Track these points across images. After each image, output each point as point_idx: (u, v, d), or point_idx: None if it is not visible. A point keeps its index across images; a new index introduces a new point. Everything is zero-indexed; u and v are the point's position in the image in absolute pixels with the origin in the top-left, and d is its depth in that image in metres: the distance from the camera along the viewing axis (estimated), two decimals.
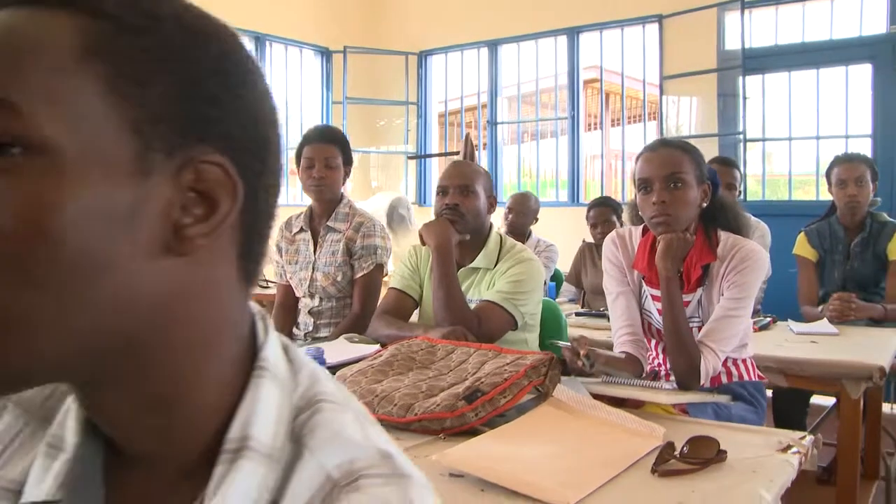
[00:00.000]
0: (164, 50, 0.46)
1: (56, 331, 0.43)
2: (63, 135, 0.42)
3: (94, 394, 0.49)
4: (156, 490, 0.52)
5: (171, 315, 0.48)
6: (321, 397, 0.53)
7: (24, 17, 0.45)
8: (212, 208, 0.47)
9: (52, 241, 0.42)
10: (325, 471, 0.48)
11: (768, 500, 1.15)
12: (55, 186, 0.42)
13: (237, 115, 0.49)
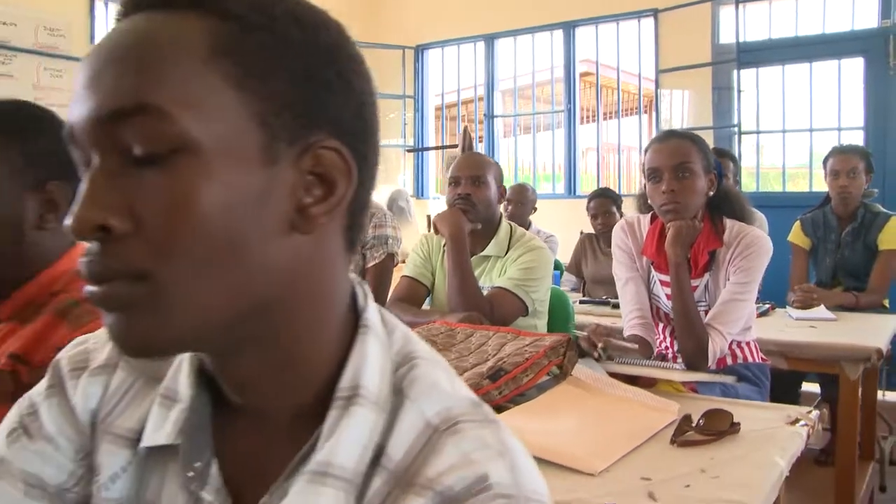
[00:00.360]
0: (282, 45, 0.52)
1: (205, 303, 0.50)
2: (202, 132, 0.48)
3: (228, 357, 0.56)
4: (264, 436, 0.58)
5: (297, 284, 0.54)
6: (415, 354, 0.60)
7: (158, 22, 0.50)
8: (330, 189, 0.54)
9: (199, 226, 0.48)
10: (426, 418, 0.55)
11: (782, 465, 1.23)
12: (197, 178, 0.48)
13: (348, 103, 0.55)
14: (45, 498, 0.61)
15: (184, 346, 0.54)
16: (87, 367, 0.64)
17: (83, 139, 0.50)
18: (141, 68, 0.48)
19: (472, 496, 0.50)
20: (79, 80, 0.51)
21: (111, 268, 0.48)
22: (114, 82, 0.49)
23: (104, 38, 0.52)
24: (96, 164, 0.50)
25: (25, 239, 1.06)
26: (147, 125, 0.48)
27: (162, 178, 0.48)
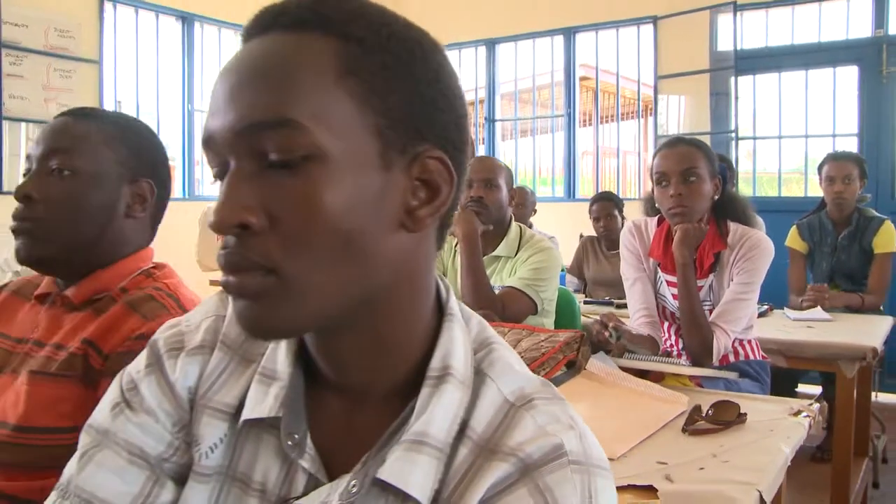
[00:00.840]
0: (396, 65, 0.60)
1: (325, 293, 0.58)
2: (330, 143, 0.57)
3: (333, 339, 0.64)
4: (355, 412, 0.67)
5: (399, 277, 0.63)
6: (491, 340, 0.69)
7: (290, 44, 0.58)
8: (434, 193, 0.62)
9: (325, 224, 0.57)
10: (503, 395, 0.64)
11: (786, 452, 1.32)
12: (325, 182, 0.56)
13: (449, 117, 0.63)
14: (147, 467, 0.69)
15: (303, 331, 0.62)
16: (184, 348, 0.72)
17: (222, 145, 0.58)
18: (281, 87, 0.57)
19: (549, 462, 0.59)
20: (218, 93, 0.59)
21: (249, 259, 0.56)
22: (256, 98, 0.57)
23: (239, 56, 0.60)
24: (234, 167, 0.58)
25: (114, 224, 1.20)
26: (285, 136, 0.56)
27: (294, 181, 0.56)
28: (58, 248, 1.16)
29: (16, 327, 1.22)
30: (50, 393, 1.06)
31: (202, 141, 0.61)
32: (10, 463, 1.04)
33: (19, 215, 1.15)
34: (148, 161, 1.26)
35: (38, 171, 1.17)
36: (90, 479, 0.68)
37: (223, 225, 0.56)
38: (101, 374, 1.07)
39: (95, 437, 0.70)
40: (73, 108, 1.28)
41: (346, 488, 0.61)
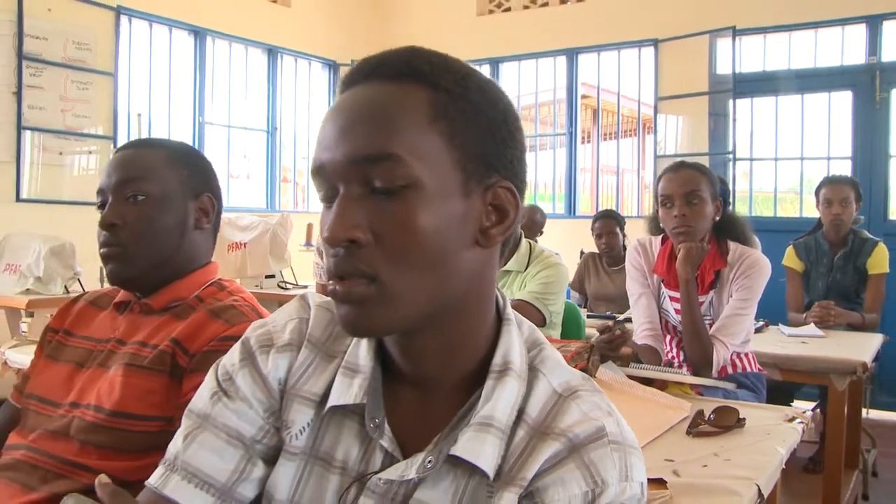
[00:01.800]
0: (475, 110, 0.73)
1: (416, 299, 0.71)
2: (424, 174, 0.70)
3: (414, 338, 0.76)
4: (426, 400, 0.79)
5: (472, 286, 0.76)
6: (540, 341, 0.82)
7: (391, 92, 0.71)
8: (503, 216, 0.75)
9: (419, 241, 0.69)
10: (552, 387, 0.77)
11: (782, 453, 1.45)
12: (419, 206, 0.69)
13: (514, 152, 0.76)
14: (242, 447, 0.81)
15: (395, 331, 0.75)
16: (273, 345, 0.84)
17: (333, 174, 0.71)
18: (385, 127, 0.70)
19: (593, 442, 0.72)
20: (328, 130, 0.72)
21: (356, 268, 0.69)
22: (364, 136, 0.70)
23: (346, 99, 0.73)
24: (343, 192, 0.70)
25: (186, 237, 1.35)
26: (388, 168, 0.69)
27: (394, 205, 0.69)
28: (142, 267, 1.30)
29: (94, 330, 1.36)
30: (142, 384, 1.20)
31: (312, 169, 0.73)
32: (105, 444, 1.17)
33: (107, 242, 1.29)
34: (204, 177, 1.41)
35: (115, 200, 1.31)
36: (194, 456, 0.80)
37: (335, 240, 0.69)
38: (186, 371, 1.20)
39: (196, 421, 0.82)
40: (131, 140, 1.44)
41: (422, 463, 0.74)
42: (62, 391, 1.29)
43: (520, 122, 0.79)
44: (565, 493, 0.70)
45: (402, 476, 0.75)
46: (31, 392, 1.34)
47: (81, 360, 1.32)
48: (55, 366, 1.35)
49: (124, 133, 5.43)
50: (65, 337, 1.39)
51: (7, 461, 1.21)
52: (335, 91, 4.08)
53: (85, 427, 1.19)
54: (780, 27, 5.39)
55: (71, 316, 1.43)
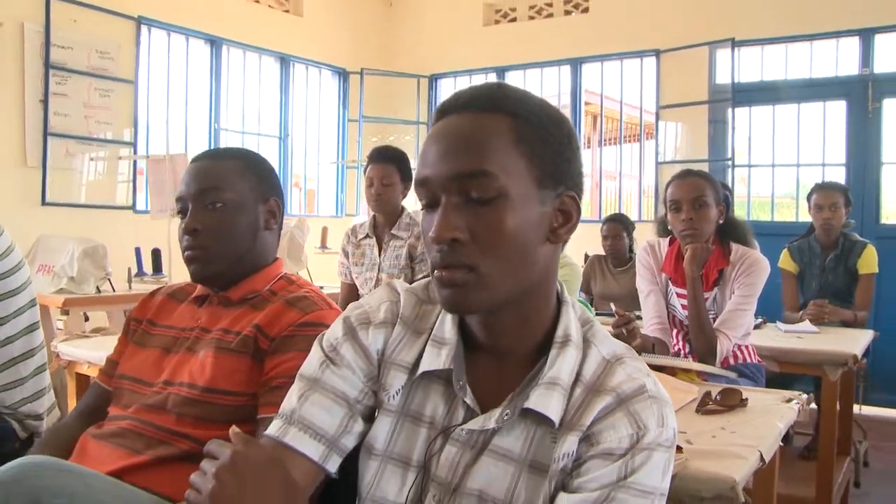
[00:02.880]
0: (547, 135, 0.93)
1: (504, 285, 0.91)
2: (511, 187, 0.89)
3: (495, 316, 0.96)
4: (500, 366, 0.98)
5: (543, 273, 0.96)
6: (591, 319, 1.01)
7: (483, 120, 0.91)
8: (567, 219, 0.95)
9: (507, 239, 0.89)
10: (602, 355, 0.97)
11: (780, 427, 1.65)
12: (507, 212, 0.89)
13: (576, 167, 0.96)
14: (346, 406, 1.00)
15: (486, 310, 0.94)
16: (371, 322, 1.04)
17: (436, 186, 0.91)
18: (479, 149, 0.89)
19: (636, 396, 0.91)
20: (431, 151, 0.92)
21: (458, 260, 0.89)
22: (463, 156, 0.90)
23: (445, 126, 0.93)
24: (445, 201, 0.90)
25: (258, 237, 1.54)
26: (483, 182, 0.89)
27: (487, 211, 0.89)
28: (221, 266, 1.49)
29: (176, 320, 1.55)
30: (229, 364, 1.38)
31: (417, 181, 0.93)
32: (199, 416, 1.36)
33: (190, 245, 1.48)
34: (270, 182, 1.59)
35: (195, 207, 1.49)
36: (308, 412, 0.99)
37: (441, 239, 0.89)
38: (267, 353, 1.38)
39: (307, 383, 1.01)
40: (204, 151, 1.61)
41: (500, 415, 0.94)
42: (153, 372, 1.48)
43: (578, 142, 0.99)
44: (616, 435, 0.90)
45: (483, 426, 0.94)
46: (123, 373, 1.52)
47: (168, 345, 1.51)
48: (143, 351, 1.53)
49: (143, 138, 5.62)
50: (149, 326, 1.58)
51: (114, 429, 1.40)
52: (345, 99, 4.32)
53: (181, 401, 1.38)
54: (778, 39, 5.60)
55: (153, 308, 1.61)
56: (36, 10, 4.91)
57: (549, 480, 0.91)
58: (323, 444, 0.98)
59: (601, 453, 0.89)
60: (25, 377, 1.98)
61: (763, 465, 1.45)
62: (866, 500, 3.54)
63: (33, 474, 0.96)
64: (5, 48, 4.77)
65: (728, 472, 1.33)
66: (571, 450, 0.91)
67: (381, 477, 0.99)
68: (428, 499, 0.96)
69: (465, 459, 0.95)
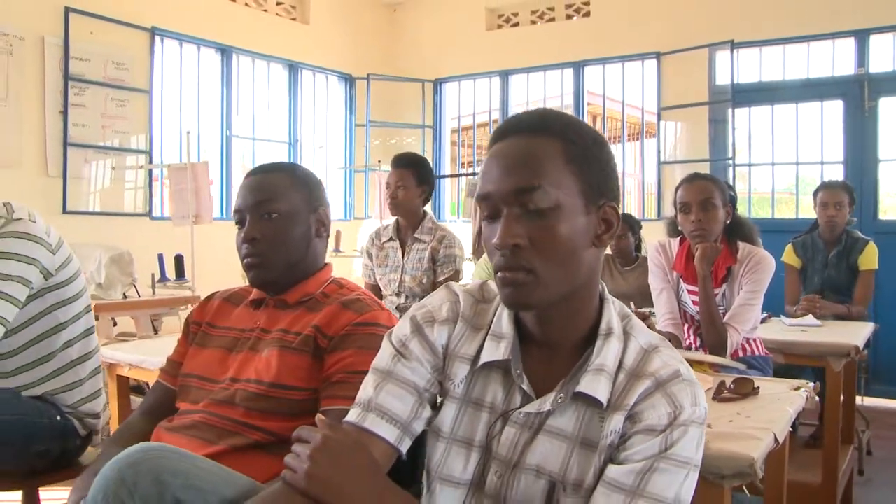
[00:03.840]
0: (591, 155, 1.07)
1: (557, 285, 1.05)
2: (563, 200, 1.04)
3: (548, 312, 1.09)
4: (551, 356, 1.12)
5: (589, 274, 1.10)
6: (628, 313, 1.15)
7: (537, 142, 1.05)
8: (609, 227, 1.09)
9: (560, 245, 1.03)
10: (640, 345, 1.11)
11: (791, 412, 1.79)
12: (560, 222, 1.03)
13: (615, 181, 1.11)
14: (416, 394, 1.14)
15: (542, 306, 1.08)
16: (435, 320, 1.18)
17: (498, 200, 1.05)
18: (537, 168, 1.04)
19: (672, 380, 1.05)
20: (493, 169, 1.06)
21: (518, 264, 1.03)
22: (521, 173, 1.04)
23: (504, 146, 1.07)
24: (507, 213, 1.04)
25: (311, 245, 1.68)
26: (540, 196, 1.03)
27: (543, 221, 1.03)
28: (278, 272, 1.62)
29: (235, 321, 1.68)
30: (292, 361, 1.51)
31: (479, 195, 1.08)
32: (265, 409, 1.49)
33: (249, 253, 1.61)
34: (319, 193, 1.73)
35: (252, 218, 1.62)
36: (384, 400, 1.13)
37: (504, 245, 1.03)
38: (326, 351, 1.52)
39: (381, 375, 1.15)
40: (259, 166, 1.74)
41: (555, 399, 1.08)
42: (218, 370, 1.61)
43: (615, 158, 1.13)
44: (656, 413, 1.04)
45: (539, 409, 1.08)
46: (189, 372, 1.65)
47: (229, 345, 1.64)
48: (206, 351, 1.67)
49: (158, 146, 5.76)
50: (209, 328, 1.71)
51: (187, 423, 1.54)
52: (352, 103, 4.47)
53: (248, 396, 1.51)
54: (776, 41, 5.75)
55: (211, 311, 1.75)
56: (55, 24, 5.06)
57: (599, 454, 1.05)
58: (397, 429, 1.12)
59: (644, 429, 1.03)
60: (83, 378, 2.12)
61: (777, 445, 1.59)
62: (869, 486, 3.68)
63: (155, 455, 1.09)
64: (26, 62, 4.92)
65: (747, 452, 1.47)
66: (617, 427, 1.05)
67: (447, 457, 1.14)
68: (490, 475, 1.11)
69: (523, 439, 1.09)
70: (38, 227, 1.98)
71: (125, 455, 1.08)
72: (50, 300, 2.03)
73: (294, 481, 1.02)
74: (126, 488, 1.02)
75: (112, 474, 1.04)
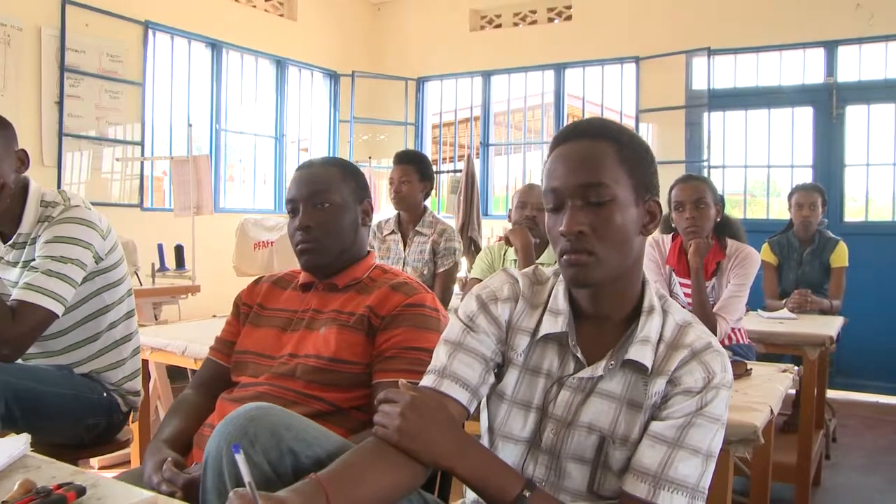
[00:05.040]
0: (638, 156, 1.26)
1: (613, 266, 1.23)
2: (619, 194, 1.22)
3: (603, 289, 1.28)
4: (600, 329, 1.30)
5: (636, 259, 1.28)
6: (663, 294, 1.34)
7: (595, 145, 1.24)
8: (653, 218, 1.28)
9: (617, 231, 1.22)
10: (676, 321, 1.30)
11: (781, 389, 2.00)
12: (617, 212, 1.22)
13: (656, 179, 1.30)
14: (483, 363, 1.32)
15: (600, 284, 1.26)
16: (498, 299, 1.35)
17: (564, 194, 1.23)
18: (597, 167, 1.22)
19: (706, 349, 1.25)
20: (559, 167, 1.24)
21: (583, 248, 1.22)
22: (585, 171, 1.22)
23: (567, 149, 1.25)
24: (571, 205, 1.22)
25: (358, 233, 1.83)
26: (599, 190, 1.21)
27: (603, 211, 1.22)
28: (330, 257, 1.78)
29: (285, 303, 1.83)
30: (349, 338, 1.67)
31: (546, 190, 1.26)
32: (325, 382, 1.64)
33: (303, 239, 1.76)
34: (364, 186, 1.88)
35: (305, 207, 1.77)
36: (456, 368, 1.30)
37: (570, 231, 1.21)
38: (378, 329, 1.67)
39: (452, 346, 1.33)
40: (310, 160, 1.89)
41: (606, 365, 1.27)
42: (274, 346, 1.76)
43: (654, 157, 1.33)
44: (692, 378, 1.23)
45: (592, 374, 1.27)
46: (245, 349, 1.79)
47: (283, 325, 1.79)
48: (259, 330, 1.82)
49: (150, 138, 5.84)
50: (260, 309, 1.86)
51: (252, 393, 1.68)
52: (336, 100, 4.62)
53: (308, 370, 1.66)
54: (750, 49, 6.03)
55: (260, 294, 1.89)
56: (52, 16, 5.13)
57: (644, 412, 1.24)
58: (468, 392, 1.29)
59: (682, 391, 1.23)
60: (126, 358, 2.26)
61: (773, 416, 1.81)
62: (836, 469, 3.95)
63: (270, 412, 1.25)
64: (24, 52, 4.98)
65: (749, 420, 1.68)
66: (660, 390, 1.24)
67: (508, 417, 1.32)
68: (546, 433, 1.29)
69: (577, 400, 1.28)
70: (93, 213, 2.12)
71: (244, 411, 1.23)
72: (98, 283, 2.16)
73: (386, 436, 1.19)
74: (248, 439, 1.17)
75: (234, 427, 1.20)
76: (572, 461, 1.28)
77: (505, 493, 1.18)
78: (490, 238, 6.60)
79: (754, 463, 2.50)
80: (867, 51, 5.72)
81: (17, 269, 2.07)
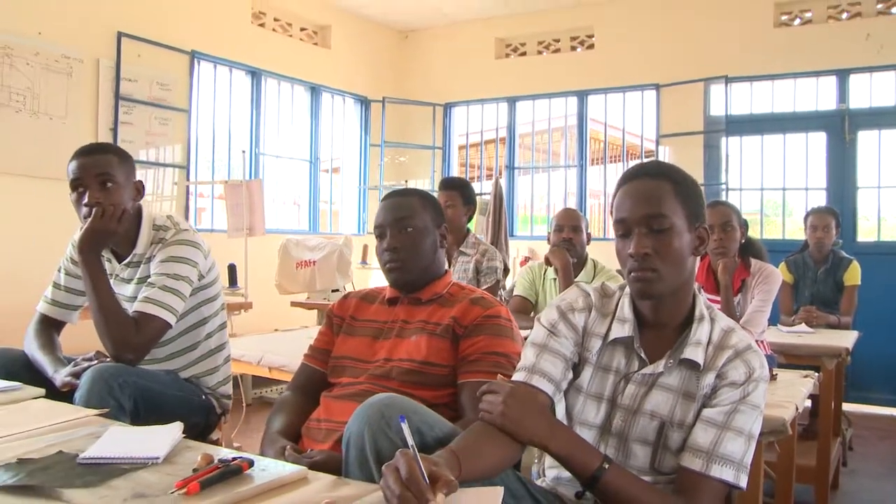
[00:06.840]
0: (690, 192, 1.55)
1: (673, 281, 1.51)
2: (676, 223, 1.51)
3: (663, 301, 1.56)
4: (659, 334, 1.58)
5: (689, 275, 1.57)
6: (710, 305, 1.63)
7: (657, 183, 1.52)
8: (702, 242, 1.57)
9: (675, 253, 1.50)
10: (721, 327, 1.58)
11: (804, 391, 2.28)
12: (676, 238, 1.50)
13: (703, 210, 1.58)
14: (564, 361, 1.59)
15: (662, 297, 1.53)
16: (575, 309, 1.64)
17: (632, 223, 1.52)
18: (659, 201, 1.51)
19: (746, 350, 1.52)
20: (627, 201, 1.53)
21: (647, 266, 1.50)
22: (649, 205, 1.50)
23: (634, 186, 1.53)
24: (637, 231, 1.51)
25: (437, 253, 2.11)
26: (661, 219, 1.50)
27: (663, 237, 1.50)
28: (414, 275, 2.06)
29: (374, 315, 2.10)
30: (437, 345, 1.94)
31: (616, 220, 1.55)
32: (417, 382, 1.91)
33: (391, 259, 2.04)
34: (440, 213, 2.16)
35: (393, 231, 2.05)
36: (543, 365, 1.58)
37: (638, 254, 1.50)
38: (461, 337, 1.94)
39: (538, 348, 1.60)
40: (395, 190, 2.17)
41: (665, 363, 1.55)
42: (368, 352, 2.02)
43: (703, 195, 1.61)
44: (737, 373, 1.51)
45: (654, 371, 1.55)
46: (342, 355, 2.05)
47: (375, 334, 2.06)
48: (352, 339, 2.08)
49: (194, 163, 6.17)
50: (352, 321, 2.13)
51: (355, 391, 1.93)
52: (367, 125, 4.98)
53: (403, 371, 1.93)
54: (765, 77, 6.30)
55: (350, 307, 2.16)
56: (108, 47, 5.47)
57: (697, 402, 1.52)
58: (553, 385, 1.58)
59: (728, 384, 1.50)
60: (219, 365, 2.54)
61: (798, 413, 2.08)
62: (853, 475, 4.18)
63: (398, 400, 1.51)
64: (83, 83, 5.31)
65: (778, 414, 1.95)
66: (710, 383, 1.52)
67: (584, 407, 1.60)
68: (615, 419, 1.57)
69: (641, 392, 1.56)
70: (198, 235, 2.42)
71: (378, 399, 1.50)
72: (199, 297, 2.45)
73: (492, 420, 1.47)
74: (385, 420, 1.45)
75: (373, 411, 1.47)
76: (637, 443, 1.55)
77: (588, 465, 1.45)
78: (516, 258, 6.88)
79: (779, 464, 2.76)
80: (878, 79, 5.98)
81: (131, 285, 2.37)
